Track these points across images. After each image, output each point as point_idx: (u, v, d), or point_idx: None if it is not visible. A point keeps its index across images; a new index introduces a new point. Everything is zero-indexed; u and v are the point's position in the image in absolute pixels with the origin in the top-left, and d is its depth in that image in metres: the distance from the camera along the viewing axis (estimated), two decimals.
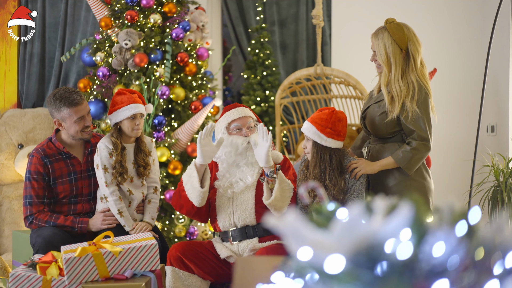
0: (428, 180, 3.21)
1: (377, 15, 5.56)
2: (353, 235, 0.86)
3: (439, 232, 0.85)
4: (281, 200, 3.13)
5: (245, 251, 3.25)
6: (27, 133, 5.11)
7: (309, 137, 3.21)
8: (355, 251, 0.76)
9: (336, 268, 0.72)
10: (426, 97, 3.10)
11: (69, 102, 3.37)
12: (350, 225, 0.87)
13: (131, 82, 4.61)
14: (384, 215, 0.93)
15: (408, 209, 0.86)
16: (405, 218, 0.85)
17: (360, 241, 0.84)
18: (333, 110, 3.23)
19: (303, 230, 0.92)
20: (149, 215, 3.57)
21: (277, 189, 3.10)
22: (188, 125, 4.67)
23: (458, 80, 5.40)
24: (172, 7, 4.79)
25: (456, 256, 0.80)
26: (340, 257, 0.73)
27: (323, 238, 0.89)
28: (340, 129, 3.19)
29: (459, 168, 5.21)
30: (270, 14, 5.88)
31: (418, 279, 0.75)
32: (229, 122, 3.34)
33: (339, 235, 0.87)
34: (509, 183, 3.90)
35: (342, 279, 0.73)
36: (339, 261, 0.73)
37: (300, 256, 0.87)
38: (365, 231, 0.86)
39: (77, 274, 2.78)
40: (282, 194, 3.12)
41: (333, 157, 3.20)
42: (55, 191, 3.48)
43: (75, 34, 5.51)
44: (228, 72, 6.71)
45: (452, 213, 0.91)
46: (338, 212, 1.03)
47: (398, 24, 3.15)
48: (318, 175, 3.18)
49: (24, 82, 5.53)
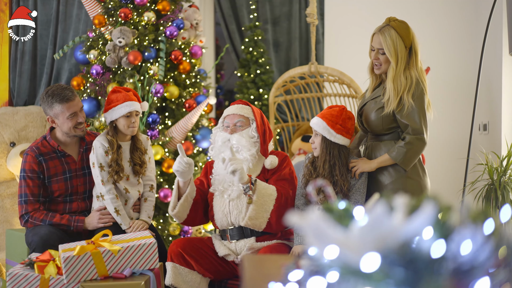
0: (424, 179, 3.22)
1: (370, 14, 5.59)
2: (378, 233, 0.86)
3: (465, 231, 0.85)
4: (256, 218, 3.13)
5: (243, 250, 3.26)
6: (19, 131, 5.08)
7: (318, 132, 3.22)
8: (386, 249, 0.76)
9: (372, 267, 0.72)
10: (422, 93, 3.12)
11: (61, 98, 3.37)
12: (374, 223, 0.87)
13: (125, 80, 4.59)
14: (405, 213, 0.93)
15: (432, 208, 0.86)
16: (429, 217, 0.86)
17: (386, 239, 0.85)
18: (343, 108, 3.26)
19: (327, 229, 0.92)
20: (145, 214, 3.56)
21: (252, 209, 3.10)
22: (182, 123, 4.66)
23: (451, 79, 5.43)
24: (166, 5, 4.77)
25: (484, 254, 0.80)
26: (375, 255, 0.73)
27: (347, 236, 0.89)
28: (349, 127, 3.22)
29: (452, 167, 5.24)
30: (263, 12, 5.88)
31: (449, 276, 0.76)
32: (224, 118, 3.37)
33: (363, 234, 0.87)
34: (503, 181, 3.93)
35: (374, 278, 0.73)
36: (375, 260, 0.73)
37: (327, 255, 0.87)
38: (389, 229, 0.86)
39: (76, 273, 2.77)
40: (260, 209, 3.12)
41: (342, 153, 3.22)
42: (50, 189, 3.46)
43: (67, 32, 5.48)
44: (220, 70, 6.70)
45: (474, 212, 0.92)
46: (354, 211, 1.04)
47: (402, 21, 3.16)
48: (328, 171, 3.19)
49: (15, 80, 5.49)
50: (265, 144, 3.33)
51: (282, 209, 3.15)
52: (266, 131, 3.34)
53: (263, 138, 3.32)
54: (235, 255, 3.28)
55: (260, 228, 3.17)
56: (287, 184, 3.27)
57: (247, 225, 3.15)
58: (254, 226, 3.16)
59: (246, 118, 3.33)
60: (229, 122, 3.32)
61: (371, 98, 3.27)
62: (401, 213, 0.92)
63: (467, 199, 3.91)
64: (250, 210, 3.10)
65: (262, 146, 3.32)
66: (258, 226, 3.16)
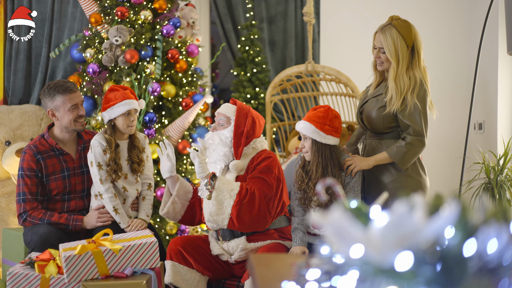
0: (424, 177, 3.23)
1: (366, 13, 5.60)
2: (401, 232, 0.86)
3: (490, 230, 0.86)
4: (217, 214, 3.12)
5: (235, 250, 3.25)
6: (14, 130, 5.05)
7: (307, 136, 3.19)
8: (414, 248, 0.76)
9: (405, 265, 0.73)
10: (425, 94, 3.13)
11: (63, 90, 3.39)
12: (396, 222, 0.88)
13: (122, 78, 4.58)
14: (426, 212, 0.94)
15: (454, 207, 0.87)
16: (453, 215, 0.86)
17: (409, 238, 0.85)
18: (328, 107, 3.24)
19: (349, 228, 0.92)
20: (144, 212, 3.55)
21: (212, 204, 3.11)
22: (179, 122, 4.65)
23: (448, 79, 5.45)
24: (162, 4, 4.76)
25: (510, 252, 0.81)
26: (408, 254, 0.73)
27: (370, 235, 0.90)
28: (338, 126, 3.20)
29: (448, 166, 5.26)
30: (258, 11, 5.88)
31: (478, 275, 0.76)
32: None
33: (386, 232, 0.88)
34: (499, 180, 3.95)
35: (404, 276, 0.73)
36: (408, 258, 0.74)
37: (352, 254, 0.88)
38: (412, 228, 0.86)
39: (77, 272, 2.76)
40: (220, 205, 3.11)
41: (333, 154, 3.20)
42: (48, 187, 3.45)
43: (62, 30, 5.45)
44: (214, 69, 6.69)
45: (493, 210, 0.93)
46: (371, 210, 1.04)
47: (405, 21, 3.16)
48: (321, 173, 3.17)
49: (10, 79, 5.46)
50: (240, 146, 3.26)
51: (245, 206, 3.10)
52: (244, 132, 3.26)
53: (238, 140, 3.26)
54: (228, 255, 3.28)
55: (223, 225, 3.14)
56: (261, 182, 3.20)
57: (209, 221, 3.13)
58: (216, 222, 3.14)
59: (227, 118, 3.31)
60: (216, 120, 3.35)
61: (372, 96, 3.27)
62: (422, 212, 0.93)
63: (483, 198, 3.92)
64: (210, 206, 3.10)
65: (235, 149, 3.26)
66: (220, 223, 3.13)
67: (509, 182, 3.96)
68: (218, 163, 3.25)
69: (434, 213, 0.94)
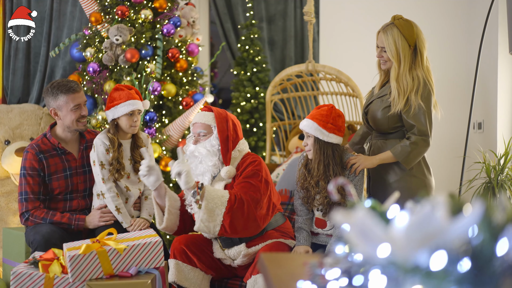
0: (429, 177, 3.24)
1: (364, 12, 5.61)
2: (425, 231, 0.87)
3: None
4: (208, 221, 3.03)
5: (237, 256, 3.24)
6: (13, 129, 5.03)
7: (310, 134, 3.21)
8: (445, 247, 0.77)
9: (439, 265, 0.73)
10: (430, 94, 3.14)
11: (67, 89, 3.39)
12: (420, 221, 0.88)
13: (122, 78, 4.57)
14: (449, 212, 0.94)
15: (479, 207, 0.87)
16: (477, 215, 0.87)
17: (434, 238, 0.85)
18: (332, 106, 3.26)
19: (373, 227, 0.92)
20: (146, 212, 3.55)
21: (203, 213, 3.02)
22: (180, 122, 4.65)
23: (448, 78, 5.46)
24: (162, 3, 4.76)
25: None
26: (443, 253, 0.74)
27: (393, 234, 0.90)
28: (341, 125, 3.22)
29: (448, 165, 5.27)
30: (258, 10, 5.88)
31: (508, 274, 0.77)
32: (191, 127, 3.35)
33: (410, 232, 0.88)
34: (500, 179, 3.96)
35: (435, 276, 0.74)
36: (442, 258, 0.74)
37: (379, 253, 0.88)
38: (437, 227, 0.87)
39: (81, 272, 2.76)
40: (211, 213, 3.03)
41: (335, 152, 3.21)
42: (50, 187, 3.44)
43: (61, 29, 5.43)
44: (213, 69, 6.68)
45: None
46: (390, 210, 1.05)
47: (407, 20, 3.17)
48: (323, 171, 3.19)
49: (9, 78, 5.44)
50: (228, 152, 3.23)
51: (236, 212, 3.06)
52: (229, 136, 3.23)
53: (226, 146, 3.22)
54: (231, 260, 3.28)
55: (215, 232, 3.07)
56: (247, 186, 3.16)
57: (200, 229, 3.06)
58: (207, 230, 3.06)
59: (208, 126, 3.25)
60: (194, 132, 3.28)
61: (377, 96, 3.28)
62: (445, 212, 0.93)
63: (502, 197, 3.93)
64: (201, 215, 3.02)
65: (224, 155, 3.22)
66: (211, 230, 3.06)
67: (509, 181, 3.97)
68: (206, 174, 3.21)
69: (457, 213, 0.95)
